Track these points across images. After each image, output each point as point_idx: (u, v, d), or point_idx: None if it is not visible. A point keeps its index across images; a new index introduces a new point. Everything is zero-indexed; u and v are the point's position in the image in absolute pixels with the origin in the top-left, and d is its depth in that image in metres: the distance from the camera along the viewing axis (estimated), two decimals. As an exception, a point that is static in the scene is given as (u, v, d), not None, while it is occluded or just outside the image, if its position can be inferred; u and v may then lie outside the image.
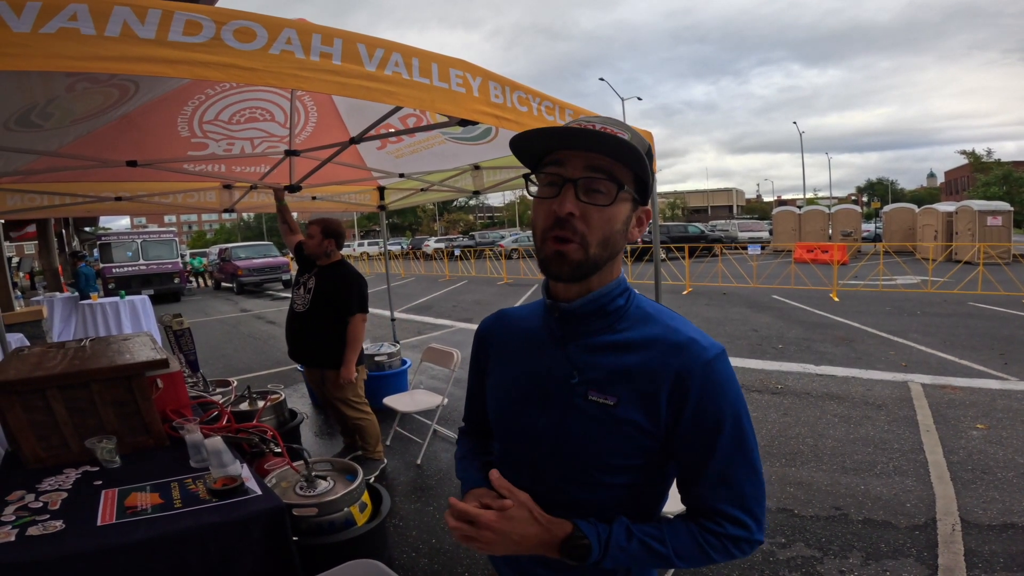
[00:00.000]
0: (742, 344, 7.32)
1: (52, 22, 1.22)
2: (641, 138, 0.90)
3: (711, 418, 0.87)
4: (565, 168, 0.88)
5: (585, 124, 0.88)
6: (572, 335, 0.96)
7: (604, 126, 0.88)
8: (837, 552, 2.73)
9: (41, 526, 1.51)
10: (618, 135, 0.86)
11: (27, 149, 2.76)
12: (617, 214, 0.89)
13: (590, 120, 0.90)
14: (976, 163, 43.23)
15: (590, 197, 0.87)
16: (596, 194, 0.87)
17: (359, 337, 3.50)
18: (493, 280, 17.96)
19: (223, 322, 12.25)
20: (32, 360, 2.22)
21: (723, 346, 0.91)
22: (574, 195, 0.86)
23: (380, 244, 34.36)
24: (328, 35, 1.59)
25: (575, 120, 0.92)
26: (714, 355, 0.88)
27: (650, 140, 3.25)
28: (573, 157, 0.88)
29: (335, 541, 2.00)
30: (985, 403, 4.69)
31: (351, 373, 3.47)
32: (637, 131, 0.91)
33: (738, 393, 0.89)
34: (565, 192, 0.87)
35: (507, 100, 2.09)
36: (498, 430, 1.07)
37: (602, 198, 0.87)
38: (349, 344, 3.46)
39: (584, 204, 0.87)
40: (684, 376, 0.86)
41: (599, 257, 0.89)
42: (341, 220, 4.14)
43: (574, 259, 0.88)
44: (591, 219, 0.87)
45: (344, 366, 3.46)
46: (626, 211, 0.91)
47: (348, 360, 3.46)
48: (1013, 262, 15.30)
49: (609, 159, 0.87)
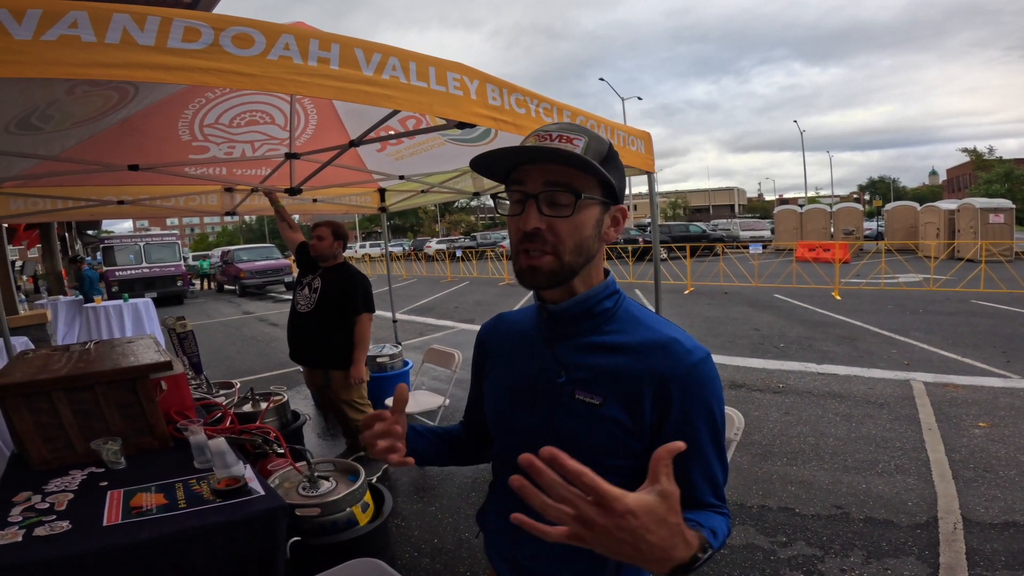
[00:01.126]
0: (744, 343, 7.32)
1: (53, 29, 1.24)
2: (600, 140, 0.92)
3: (695, 422, 0.90)
4: (526, 184, 0.91)
5: (543, 136, 0.91)
6: (560, 336, 0.99)
7: (561, 134, 0.90)
8: (838, 551, 2.74)
9: (48, 526, 1.52)
10: (570, 148, 0.88)
11: (29, 153, 2.78)
12: (584, 220, 0.91)
13: (548, 131, 0.92)
14: (978, 161, 43.11)
15: (553, 210, 0.90)
16: (558, 207, 0.90)
17: (367, 336, 3.51)
18: (495, 281, 17.97)
19: (225, 324, 12.29)
20: (37, 363, 2.25)
21: (708, 350, 0.93)
22: (537, 210, 0.90)
23: (382, 245, 34.40)
24: (326, 40, 1.61)
25: (536, 131, 0.95)
26: (699, 358, 0.91)
27: (648, 141, 3.26)
28: (533, 172, 0.91)
29: (338, 541, 2.01)
30: (987, 401, 4.69)
31: (361, 372, 3.47)
32: (597, 133, 0.94)
33: (720, 395, 0.93)
34: (528, 208, 0.90)
35: (505, 102, 2.10)
36: (494, 430, 1.10)
37: (564, 209, 0.90)
38: (358, 344, 3.47)
39: (549, 217, 0.90)
40: (668, 380, 0.89)
41: (575, 263, 0.92)
42: (343, 222, 4.17)
43: (548, 269, 0.91)
44: (558, 230, 0.90)
45: (354, 366, 3.46)
46: (594, 215, 0.93)
47: (358, 360, 3.47)
48: (1015, 259, 15.27)
49: (567, 169, 0.89)
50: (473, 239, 36.50)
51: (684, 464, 0.91)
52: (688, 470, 0.92)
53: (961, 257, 16.01)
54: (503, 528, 1.07)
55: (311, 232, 3.64)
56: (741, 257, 19.05)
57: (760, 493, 3.34)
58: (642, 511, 0.64)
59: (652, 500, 0.65)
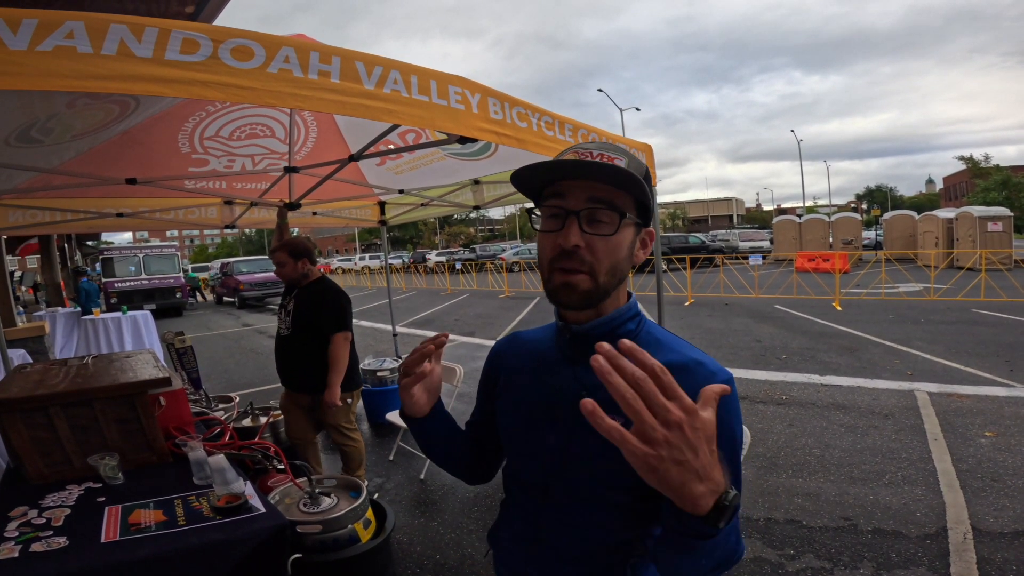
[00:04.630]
0: (746, 355, 7.29)
1: (48, 40, 1.21)
2: (639, 161, 0.91)
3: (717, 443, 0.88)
4: (567, 200, 0.89)
5: (583, 153, 0.89)
6: (583, 355, 0.95)
7: (602, 153, 0.88)
8: (847, 563, 2.70)
9: (45, 542, 1.49)
10: (616, 164, 0.86)
11: (28, 166, 2.77)
12: (622, 241, 0.90)
13: (587, 148, 0.90)
14: (974, 168, 43.32)
15: (594, 227, 0.88)
16: (599, 224, 0.88)
17: (342, 358, 3.28)
18: (495, 293, 17.95)
19: (224, 336, 12.25)
20: (35, 378, 2.22)
21: (730, 372, 0.92)
22: (578, 227, 0.87)
23: (381, 258, 34.44)
24: (326, 53, 1.59)
25: (573, 148, 0.93)
26: (721, 381, 0.89)
27: (649, 153, 3.26)
28: (574, 188, 0.88)
29: (339, 558, 1.98)
30: (992, 410, 4.65)
31: (334, 396, 3.23)
32: (634, 154, 0.92)
33: (739, 416, 0.92)
34: (569, 224, 0.87)
35: (506, 116, 2.09)
36: (508, 448, 1.08)
37: (606, 228, 0.88)
38: (331, 366, 3.25)
39: (589, 235, 0.87)
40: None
41: (608, 284, 0.90)
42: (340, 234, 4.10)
43: (583, 288, 0.89)
44: (597, 249, 0.88)
45: (328, 389, 3.22)
46: (630, 236, 0.92)
47: (331, 383, 3.23)
48: (1015, 268, 15.26)
49: (609, 187, 0.88)
50: (473, 251, 36.57)
51: None
52: None
53: (961, 266, 16.00)
54: (516, 546, 1.05)
55: (272, 259, 3.50)
56: (741, 268, 19.05)
57: (766, 506, 3.30)
58: (704, 424, 0.65)
59: (710, 417, 0.65)
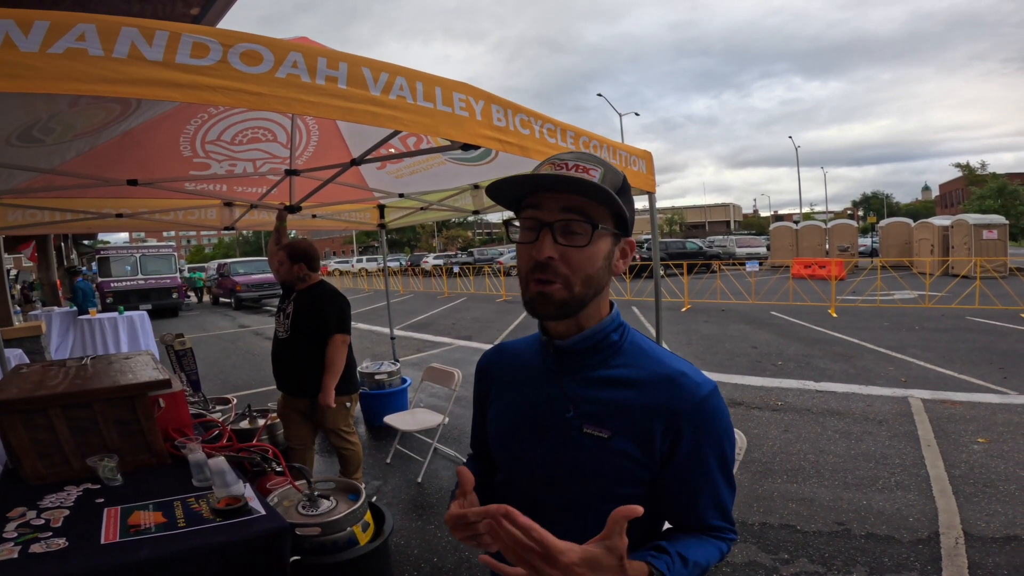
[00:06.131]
0: (742, 361, 7.32)
1: (60, 42, 1.21)
2: (615, 172, 0.93)
3: (705, 453, 0.92)
4: (541, 211, 0.90)
5: (559, 164, 0.91)
6: (567, 370, 0.98)
7: (578, 163, 0.90)
8: (840, 567, 2.72)
9: (44, 543, 1.49)
10: (589, 177, 0.88)
11: (29, 166, 2.77)
12: (597, 252, 0.91)
13: (564, 159, 0.92)
14: (970, 176, 43.47)
15: (568, 239, 0.89)
16: (573, 235, 0.89)
17: (338, 360, 3.27)
18: (492, 297, 17.95)
19: (221, 338, 12.22)
20: (33, 378, 2.22)
21: (715, 382, 0.94)
22: (552, 238, 0.88)
23: (379, 260, 34.39)
24: (334, 58, 1.61)
25: (550, 158, 0.94)
26: (707, 392, 0.92)
27: (648, 160, 3.29)
28: (548, 200, 0.90)
29: (338, 561, 1.99)
30: (985, 417, 4.69)
31: (328, 399, 3.22)
32: (612, 164, 0.94)
33: (728, 426, 0.95)
34: (543, 236, 0.89)
35: (509, 123, 2.11)
36: (499, 460, 1.09)
37: (579, 239, 0.89)
38: (327, 368, 3.23)
39: (562, 246, 0.88)
40: (678, 414, 0.90)
41: (584, 295, 0.91)
42: (338, 236, 4.10)
43: (557, 299, 0.90)
44: (571, 260, 0.89)
45: (322, 392, 3.20)
46: (606, 247, 0.93)
47: (326, 386, 3.21)
48: (1010, 276, 15.37)
49: (583, 198, 0.89)
50: (470, 255, 36.51)
51: (695, 491, 0.94)
52: (698, 497, 0.94)
53: (956, 273, 16.10)
54: None
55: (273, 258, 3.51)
56: (738, 274, 19.11)
57: (761, 511, 3.32)
58: (584, 563, 0.72)
59: (598, 552, 0.73)
